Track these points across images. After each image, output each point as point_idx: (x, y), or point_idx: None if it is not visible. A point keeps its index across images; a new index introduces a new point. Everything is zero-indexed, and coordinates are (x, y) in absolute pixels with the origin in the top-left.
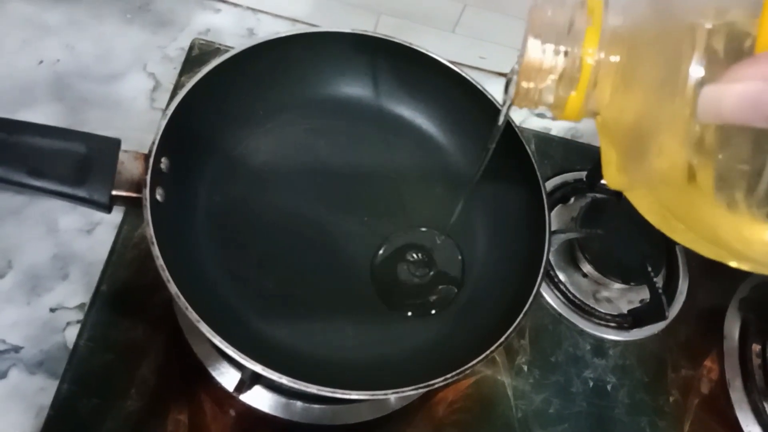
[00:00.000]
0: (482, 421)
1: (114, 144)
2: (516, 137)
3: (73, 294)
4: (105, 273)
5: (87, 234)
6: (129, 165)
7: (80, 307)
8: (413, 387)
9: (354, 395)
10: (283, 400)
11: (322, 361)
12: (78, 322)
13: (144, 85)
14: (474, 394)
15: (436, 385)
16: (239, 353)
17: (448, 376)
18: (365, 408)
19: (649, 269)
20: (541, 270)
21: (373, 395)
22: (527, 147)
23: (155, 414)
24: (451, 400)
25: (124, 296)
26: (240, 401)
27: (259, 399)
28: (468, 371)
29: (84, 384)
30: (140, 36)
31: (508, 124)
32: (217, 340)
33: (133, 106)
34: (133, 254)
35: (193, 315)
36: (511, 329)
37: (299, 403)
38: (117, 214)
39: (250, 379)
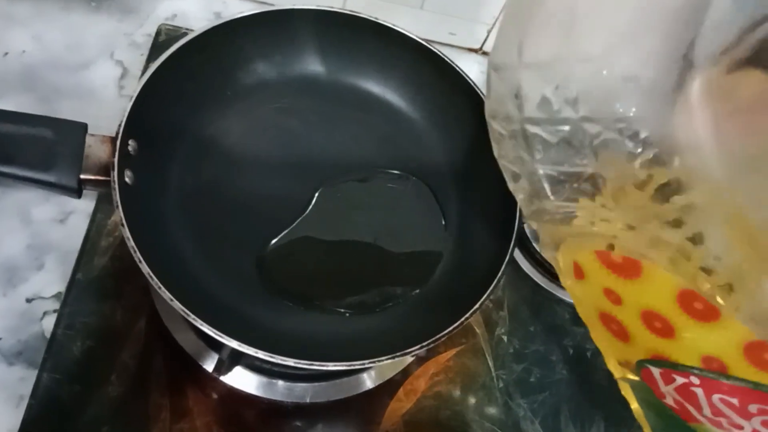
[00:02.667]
0: (464, 391)
1: (80, 128)
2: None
3: (50, 283)
4: (80, 261)
5: (60, 223)
6: (96, 149)
7: (57, 296)
8: (388, 356)
9: (331, 366)
10: (264, 379)
11: (299, 336)
12: (55, 311)
13: (112, 73)
14: (455, 366)
15: (412, 353)
16: (214, 330)
17: (424, 343)
18: (347, 384)
19: None
20: (514, 234)
21: (350, 365)
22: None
23: (137, 398)
24: (432, 372)
25: (101, 283)
26: (222, 383)
27: (241, 380)
28: (443, 338)
29: (64, 372)
30: (107, 24)
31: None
32: (192, 318)
33: (103, 94)
34: (107, 241)
35: (166, 294)
36: (484, 296)
37: (281, 383)
38: (90, 203)
39: (229, 359)
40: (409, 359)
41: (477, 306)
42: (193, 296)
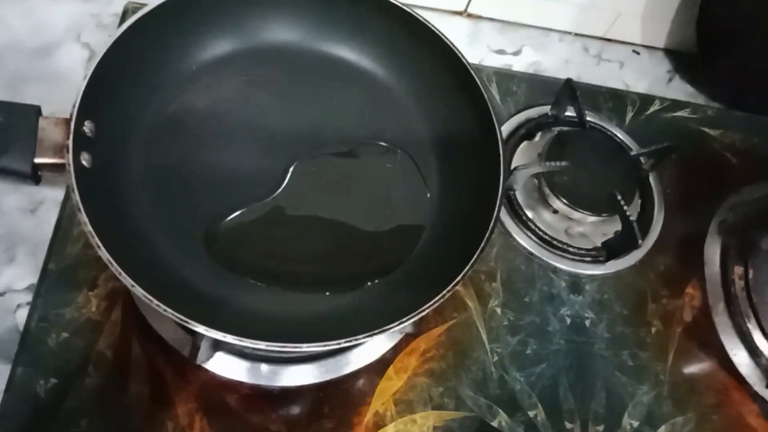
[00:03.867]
0: (457, 367)
1: (32, 111)
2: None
3: (22, 275)
4: (52, 251)
5: (31, 213)
6: (50, 131)
7: (30, 288)
8: (366, 334)
9: (305, 347)
10: (247, 364)
11: (274, 318)
12: (28, 303)
13: (79, 56)
14: (447, 341)
15: (392, 329)
16: (179, 315)
17: (404, 319)
18: (334, 365)
19: (619, 198)
20: (498, 198)
21: (324, 345)
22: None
23: (116, 389)
24: (423, 349)
25: (74, 273)
26: (203, 370)
27: (223, 365)
28: (425, 313)
29: (39, 365)
30: (73, 6)
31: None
32: (155, 304)
33: (70, 78)
34: (79, 230)
35: (127, 280)
36: (470, 263)
37: (265, 366)
38: (60, 191)
39: (205, 345)
40: (398, 336)
41: (463, 273)
42: (160, 281)
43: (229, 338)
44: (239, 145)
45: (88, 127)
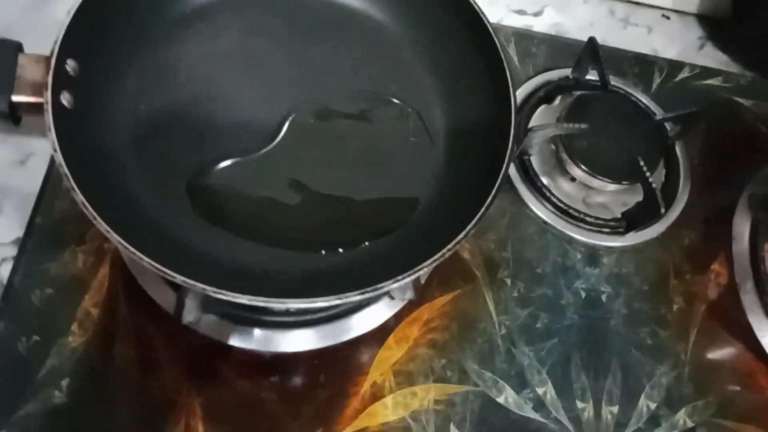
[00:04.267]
0: (461, 339)
1: (12, 46)
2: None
3: (8, 229)
4: (39, 204)
5: (20, 165)
6: (30, 69)
7: (15, 242)
8: (357, 292)
9: (291, 303)
10: (238, 328)
11: (263, 274)
12: (13, 258)
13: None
14: (451, 311)
15: (384, 288)
16: (154, 263)
17: (399, 277)
18: (331, 331)
19: (642, 164)
20: (507, 155)
21: (311, 302)
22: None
23: (101, 349)
24: (426, 318)
25: (61, 228)
26: (193, 332)
27: (213, 328)
28: (422, 270)
29: (22, 322)
30: None
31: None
32: (130, 251)
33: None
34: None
35: (102, 225)
36: (474, 221)
37: (257, 331)
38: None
39: (193, 303)
40: (400, 304)
41: (464, 233)
42: (140, 231)
43: (209, 290)
44: (233, 94)
45: (70, 65)
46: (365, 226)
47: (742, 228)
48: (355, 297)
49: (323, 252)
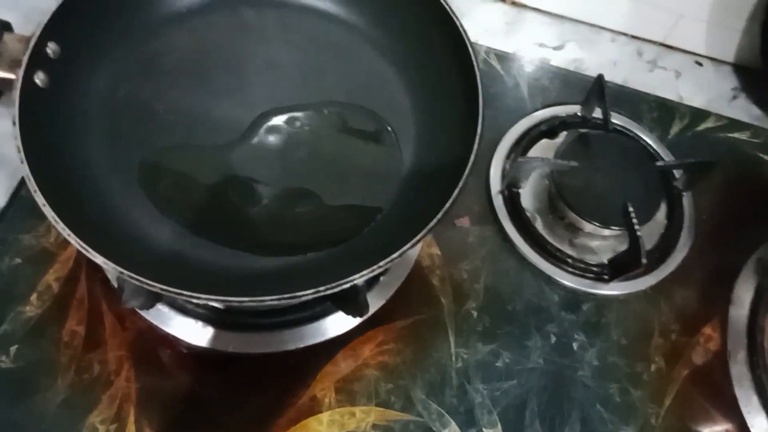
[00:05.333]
0: (413, 366)
1: None
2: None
3: None
4: None
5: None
6: (11, 46)
7: None
8: (275, 297)
9: (235, 300)
10: (188, 321)
11: (200, 267)
12: None
13: None
14: (409, 336)
15: (303, 297)
16: (78, 239)
17: (321, 288)
18: (278, 338)
19: (631, 210)
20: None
21: (240, 301)
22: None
23: (53, 323)
24: (381, 339)
25: None
26: (142, 320)
27: (162, 318)
28: (355, 281)
29: None
30: None
31: None
32: (54, 220)
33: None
34: None
35: (40, 199)
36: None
37: (207, 327)
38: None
39: (133, 288)
40: (355, 321)
41: (406, 248)
42: (83, 209)
43: (125, 273)
44: (213, 91)
45: (51, 48)
46: (317, 235)
47: (743, 292)
48: (271, 302)
49: (267, 256)
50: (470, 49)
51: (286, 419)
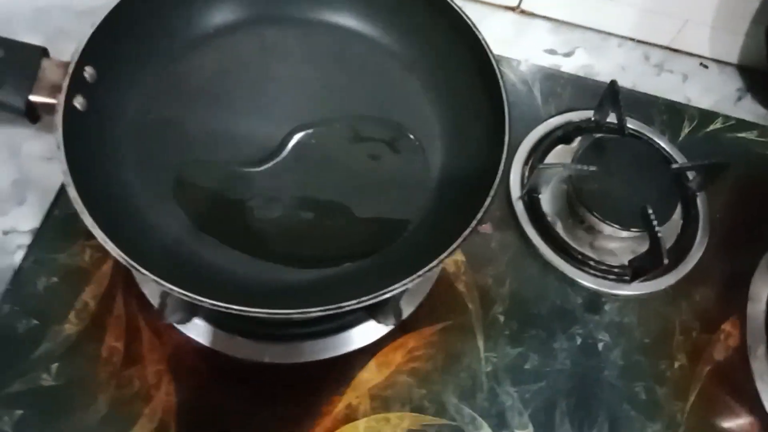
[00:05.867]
0: (444, 371)
1: (37, 51)
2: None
3: (27, 218)
4: (58, 198)
5: (48, 161)
6: (50, 72)
7: (33, 232)
8: (319, 309)
9: (259, 311)
10: (223, 334)
11: (241, 282)
12: (28, 246)
13: None
14: (438, 342)
15: (347, 308)
16: (127, 258)
17: (363, 298)
18: (312, 348)
19: (650, 212)
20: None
21: (274, 313)
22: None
23: (92, 339)
24: (412, 347)
25: (75, 221)
26: (179, 333)
27: (199, 332)
28: (394, 292)
29: (24, 305)
30: None
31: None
32: (101, 237)
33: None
34: None
35: (88, 220)
36: (445, 253)
37: (242, 339)
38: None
39: (175, 303)
40: (386, 329)
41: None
42: (127, 228)
43: (176, 290)
44: (241, 109)
45: (89, 72)
46: (346, 247)
47: (760, 290)
48: (315, 314)
49: (305, 268)
50: (493, 61)
51: (323, 428)
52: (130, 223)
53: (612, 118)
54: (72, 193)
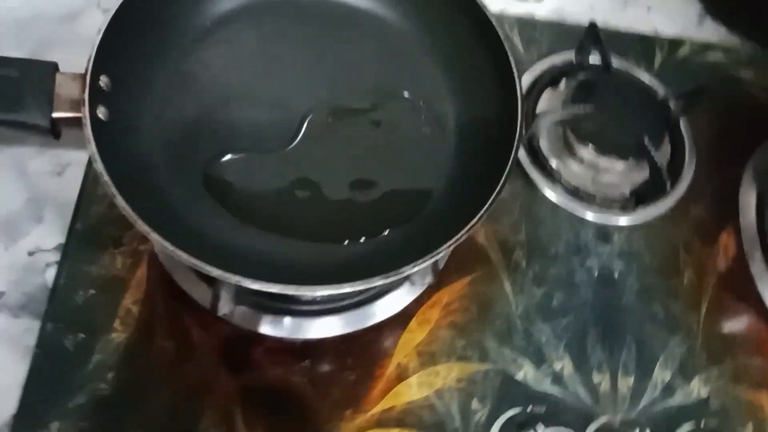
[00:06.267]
0: (480, 320)
1: (49, 67)
2: None
3: (50, 235)
4: (78, 211)
5: (58, 176)
6: (67, 86)
7: (58, 247)
8: (382, 276)
9: (319, 291)
10: (270, 317)
11: (287, 265)
12: (57, 262)
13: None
14: (470, 294)
15: (405, 272)
16: (195, 259)
17: (419, 261)
18: (355, 317)
19: (647, 141)
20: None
21: (338, 288)
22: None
23: (141, 343)
24: (446, 302)
25: (100, 231)
26: (226, 323)
27: (245, 319)
28: (439, 255)
29: (67, 321)
30: None
31: None
32: (170, 249)
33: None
34: (103, 190)
35: (143, 227)
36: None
37: (287, 319)
38: (84, 154)
39: (227, 295)
40: (420, 289)
41: (477, 218)
42: (176, 231)
43: (245, 281)
44: (252, 98)
45: (103, 81)
46: (384, 216)
47: (748, 200)
48: (379, 281)
49: (346, 242)
50: (494, 24)
51: (378, 390)
52: (175, 226)
53: (594, 58)
54: (120, 202)
